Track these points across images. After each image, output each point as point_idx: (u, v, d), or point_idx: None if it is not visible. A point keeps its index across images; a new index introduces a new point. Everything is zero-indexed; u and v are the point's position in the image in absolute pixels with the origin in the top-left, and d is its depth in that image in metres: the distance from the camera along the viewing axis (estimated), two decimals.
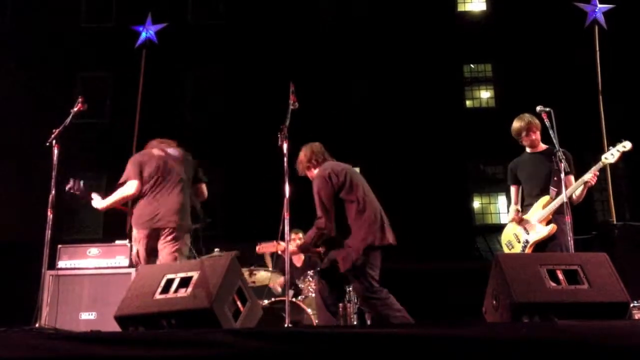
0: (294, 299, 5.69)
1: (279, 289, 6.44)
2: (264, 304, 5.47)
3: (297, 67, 14.24)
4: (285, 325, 3.78)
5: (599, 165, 4.80)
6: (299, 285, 6.10)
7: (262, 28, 15.75)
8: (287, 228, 4.20)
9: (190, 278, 3.48)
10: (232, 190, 14.71)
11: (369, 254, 4.56)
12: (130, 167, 5.01)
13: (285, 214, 4.19)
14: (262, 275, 5.92)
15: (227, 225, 13.79)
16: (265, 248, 5.29)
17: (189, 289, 3.42)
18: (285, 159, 4.26)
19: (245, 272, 5.56)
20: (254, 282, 5.81)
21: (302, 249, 5.11)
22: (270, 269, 6.07)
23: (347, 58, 15.95)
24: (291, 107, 4.44)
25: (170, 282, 3.52)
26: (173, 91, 15.76)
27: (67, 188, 5.09)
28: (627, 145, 4.77)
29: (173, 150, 5.23)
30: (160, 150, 5.18)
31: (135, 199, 4.98)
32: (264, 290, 5.85)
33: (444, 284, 9.16)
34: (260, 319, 3.76)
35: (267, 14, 15.94)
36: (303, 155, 4.97)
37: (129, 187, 4.94)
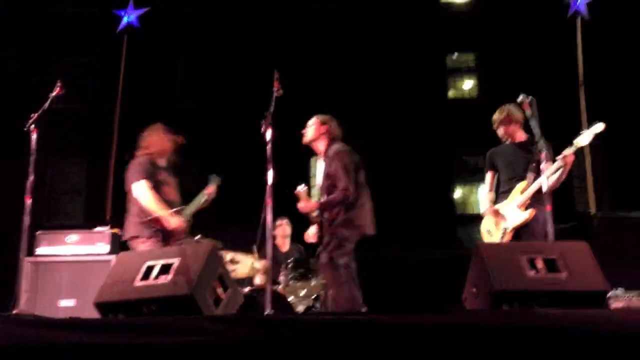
0: (274, 287, 5.67)
1: (259, 281, 6.38)
2: (245, 292, 5.46)
3: (281, 53, 14.15)
4: (266, 313, 3.78)
5: (573, 147, 4.79)
6: (281, 272, 6.07)
7: (249, 16, 15.63)
8: (269, 216, 4.19)
9: (171, 265, 3.46)
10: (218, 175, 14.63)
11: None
12: None
13: (268, 200, 4.19)
14: (243, 265, 5.90)
15: (210, 211, 13.72)
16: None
17: (170, 276, 3.41)
18: (268, 146, 4.27)
19: (227, 258, 5.54)
20: (234, 269, 5.78)
21: (323, 205, 5.05)
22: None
23: (330, 46, 15.87)
24: (275, 94, 4.46)
25: (150, 268, 3.50)
26: (157, 77, 15.61)
27: None
28: (599, 127, 4.76)
29: None
30: None
31: None
32: (245, 279, 5.84)
33: (426, 272, 9.20)
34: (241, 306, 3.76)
35: (255, 1, 15.80)
36: (328, 124, 5.12)
37: None
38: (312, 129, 5.20)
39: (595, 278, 3.36)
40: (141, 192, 4.91)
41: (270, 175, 4.20)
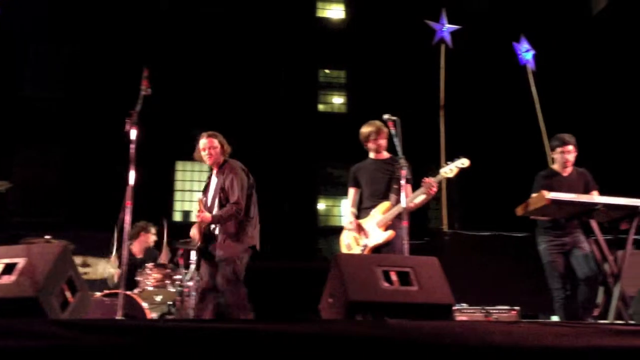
0: (129, 292, 5.49)
1: (116, 279, 6.16)
2: (96, 296, 5.23)
3: (153, 56, 13.77)
4: (117, 318, 3.63)
5: (438, 177, 5.00)
6: (137, 278, 5.88)
7: (119, 10, 15.06)
8: (128, 217, 4.05)
9: (15, 264, 3.23)
10: (74, 175, 13.93)
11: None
12: None
13: (128, 202, 4.05)
14: (97, 267, 5.67)
15: (66, 211, 13.04)
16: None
17: (14, 276, 3.18)
18: (132, 145, 4.13)
19: (79, 261, 5.28)
20: (86, 273, 5.52)
21: (215, 218, 5.15)
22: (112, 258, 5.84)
23: (205, 54, 15.69)
24: (143, 92, 4.33)
25: None
26: (11, 66, 14.63)
27: None
28: (464, 162, 4.99)
29: None
30: None
31: None
32: (97, 282, 5.60)
33: (286, 282, 9.28)
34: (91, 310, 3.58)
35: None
36: (223, 142, 5.32)
37: None
38: (215, 151, 5.31)
39: (443, 292, 3.54)
40: None
41: (132, 176, 4.06)
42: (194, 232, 5.30)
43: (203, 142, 5.33)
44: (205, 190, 5.47)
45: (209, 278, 5.15)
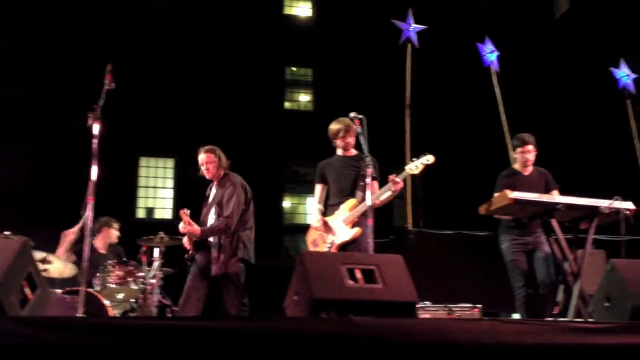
0: (90, 289, 5.41)
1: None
2: (56, 293, 5.15)
3: (117, 51, 13.54)
4: (78, 315, 3.57)
5: (404, 174, 5.03)
6: (98, 275, 5.80)
7: (83, 2, 14.79)
8: (90, 213, 4.00)
9: None
10: (35, 171, 13.66)
11: None
12: None
13: (90, 198, 4.00)
14: (56, 265, 5.58)
15: (27, 207, 12.78)
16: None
17: None
18: (95, 141, 4.08)
19: (39, 258, 5.19)
20: (46, 270, 5.41)
21: (204, 232, 5.32)
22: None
23: (171, 49, 15.52)
24: (107, 87, 4.30)
25: None
26: None
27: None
28: (429, 159, 5.02)
29: None
30: None
31: None
32: (58, 280, 5.52)
33: (252, 280, 9.23)
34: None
35: None
36: (218, 156, 5.47)
37: None
38: (213, 165, 5.47)
39: (407, 289, 3.57)
40: None
41: (94, 171, 4.00)
42: (185, 241, 5.41)
43: (201, 157, 5.49)
44: (204, 202, 5.61)
45: (198, 279, 5.26)
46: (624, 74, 9.08)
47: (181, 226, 5.31)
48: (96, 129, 4.07)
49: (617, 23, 12.16)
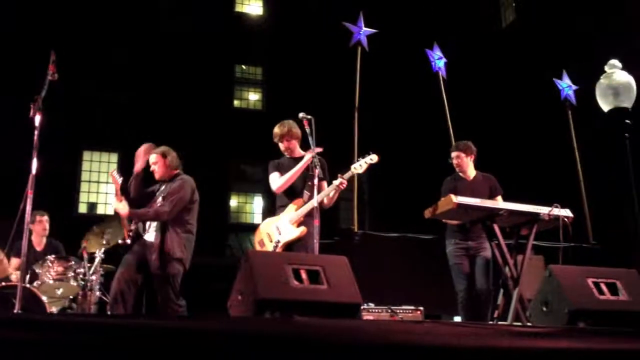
0: (28, 285, 5.25)
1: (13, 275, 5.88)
2: None
3: (61, 40, 13.18)
4: (15, 312, 3.46)
5: (349, 173, 5.08)
6: (36, 270, 5.63)
7: None
8: (29, 206, 3.88)
9: None
10: None
11: None
12: None
13: (30, 191, 3.88)
14: None
15: None
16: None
17: None
18: (36, 132, 3.96)
19: None
20: None
21: (133, 214, 5.13)
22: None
23: (119, 43, 15.22)
24: (49, 77, 4.17)
25: None
26: None
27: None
28: (373, 158, 5.12)
29: None
30: None
31: None
32: None
33: (195, 279, 9.13)
34: None
35: None
36: (168, 157, 5.32)
37: None
38: (159, 166, 5.35)
39: (351, 291, 3.58)
40: None
41: (34, 164, 3.89)
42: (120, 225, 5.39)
43: (152, 157, 5.37)
44: (152, 188, 5.44)
45: (133, 271, 5.04)
46: (566, 84, 9.35)
47: (116, 206, 5.12)
48: (37, 120, 3.95)
49: (561, 35, 12.52)
